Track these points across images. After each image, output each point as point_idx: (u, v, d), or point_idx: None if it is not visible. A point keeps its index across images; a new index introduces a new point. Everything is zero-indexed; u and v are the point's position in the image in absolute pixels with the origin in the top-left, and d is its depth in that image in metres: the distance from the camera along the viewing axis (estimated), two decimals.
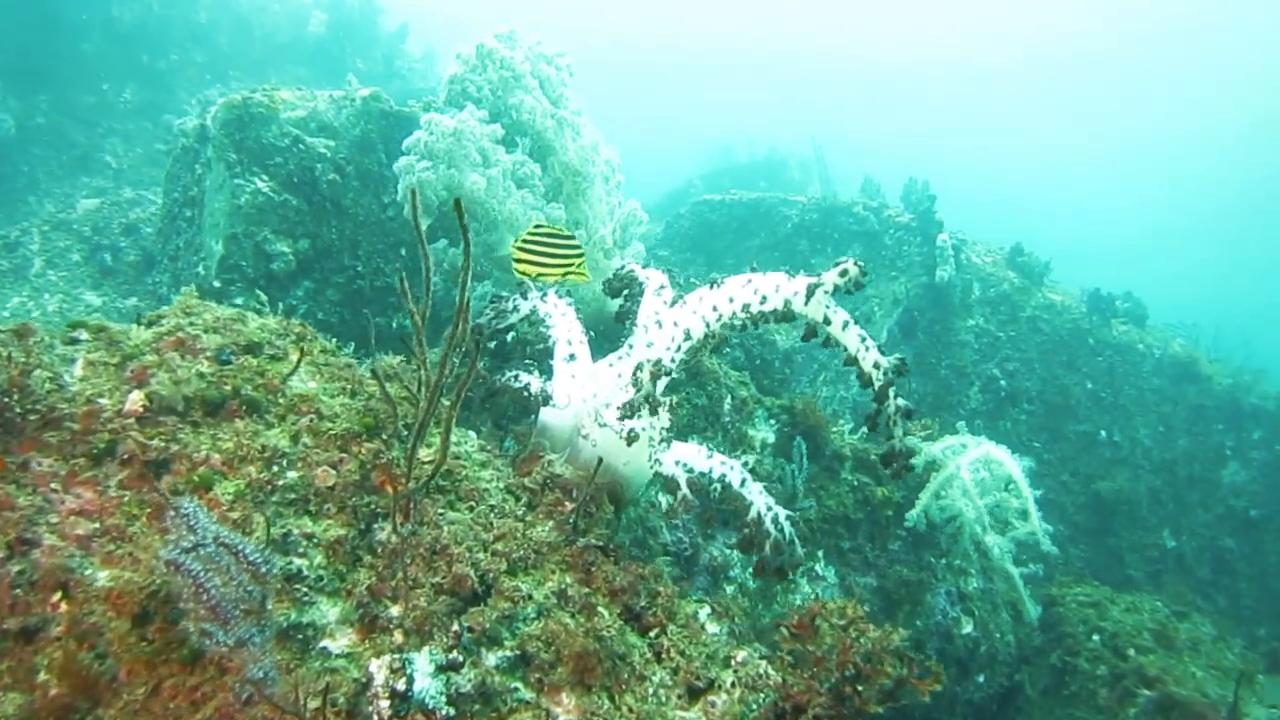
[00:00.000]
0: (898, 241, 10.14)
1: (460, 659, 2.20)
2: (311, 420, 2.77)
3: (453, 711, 2.10)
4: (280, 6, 16.06)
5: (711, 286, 2.88)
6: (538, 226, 3.21)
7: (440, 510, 2.59)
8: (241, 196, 7.28)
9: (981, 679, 6.59)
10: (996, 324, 9.59)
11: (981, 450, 6.34)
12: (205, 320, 3.09)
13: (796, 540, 2.92)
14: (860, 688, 2.31)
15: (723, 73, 58.89)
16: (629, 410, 2.67)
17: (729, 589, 5.48)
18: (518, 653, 2.33)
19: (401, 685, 2.08)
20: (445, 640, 2.24)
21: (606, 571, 2.55)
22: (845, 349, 2.79)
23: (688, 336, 2.85)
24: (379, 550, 2.50)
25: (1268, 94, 45.50)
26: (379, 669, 2.13)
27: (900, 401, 2.76)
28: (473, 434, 3.09)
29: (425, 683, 2.13)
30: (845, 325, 2.76)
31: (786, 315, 2.80)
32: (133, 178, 13.48)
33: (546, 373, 3.29)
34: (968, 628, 6.42)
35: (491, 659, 2.32)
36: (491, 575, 2.45)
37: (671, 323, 2.88)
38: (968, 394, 9.36)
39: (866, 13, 56.65)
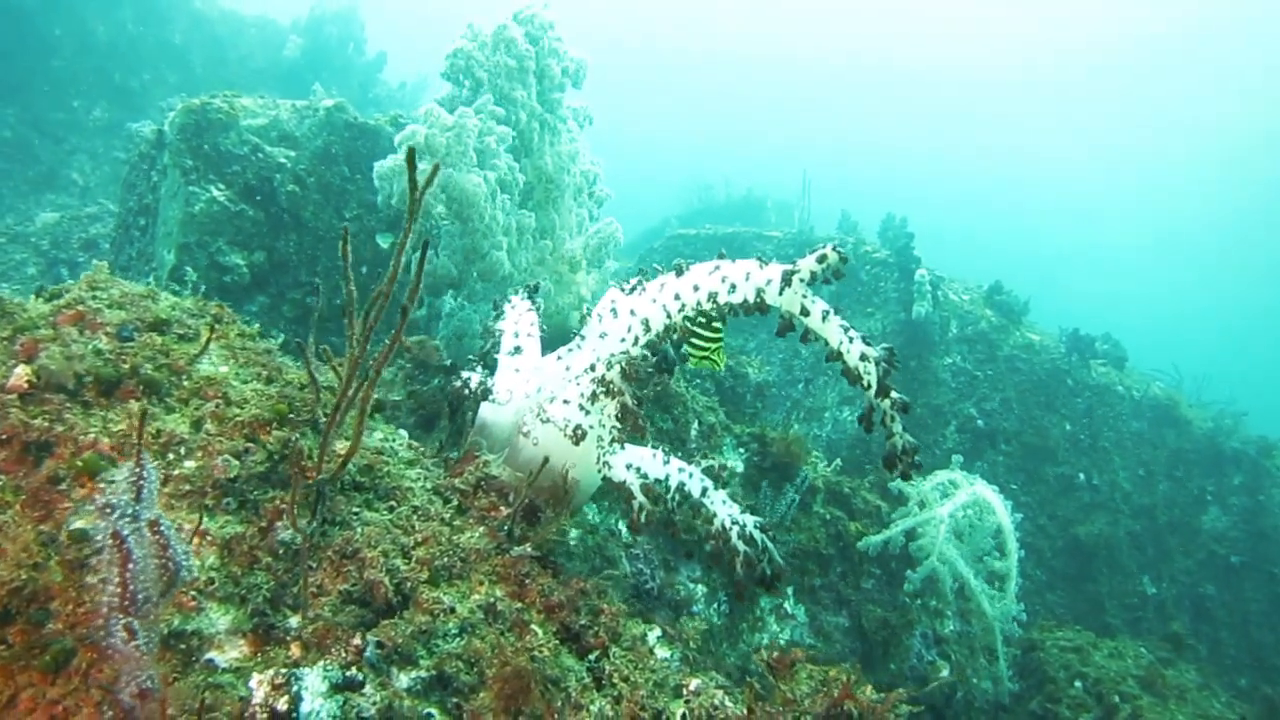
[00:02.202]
0: (874, 277, 9.97)
1: (361, 677, 1.86)
2: (218, 405, 2.45)
3: None
4: (257, 31, 15.90)
5: (677, 274, 2.60)
6: (701, 312, 3.13)
7: (355, 509, 2.27)
8: (196, 205, 6.97)
9: None
10: (974, 363, 9.39)
11: (969, 493, 6.06)
12: (111, 295, 2.78)
13: (773, 548, 2.59)
14: None
15: (711, 88, 59.60)
16: (583, 401, 2.37)
17: (691, 625, 5.14)
18: (434, 673, 2.00)
19: (283, 705, 1.74)
20: (344, 655, 1.90)
21: (542, 585, 2.22)
22: (826, 343, 2.51)
23: (646, 328, 2.56)
24: (281, 552, 2.17)
25: (1269, 110, 46.33)
26: (259, 684, 1.79)
27: (896, 395, 2.47)
28: (403, 432, 2.77)
29: (315, 703, 1.79)
30: (825, 316, 2.48)
31: (759, 306, 2.52)
32: (99, 196, 13.18)
33: (495, 369, 2.98)
34: (944, 672, 6.09)
35: (404, 680, 1.98)
36: (409, 585, 2.13)
37: (628, 311, 2.58)
38: (944, 433, 9.12)
39: (867, 23, 57.46)
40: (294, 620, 2.06)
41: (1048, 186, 56.70)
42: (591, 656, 2.16)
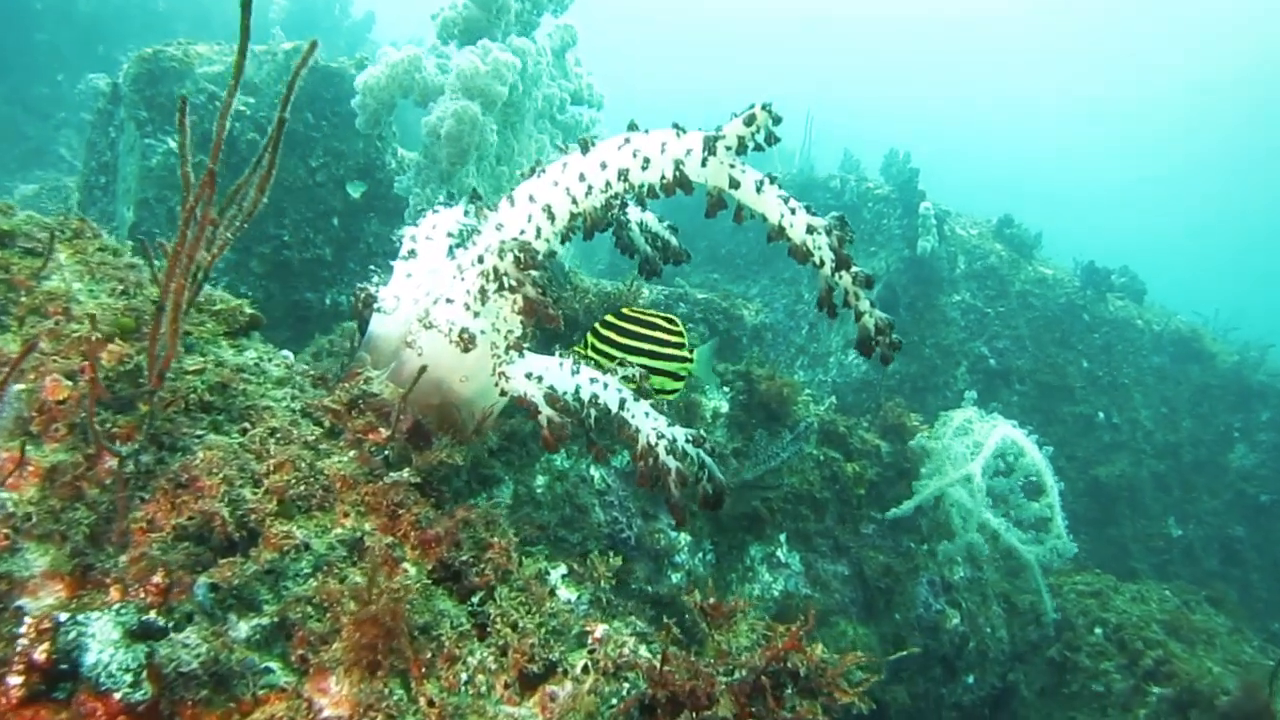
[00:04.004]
0: (877, 215, 9.47)
1: (162, 622, 1.53)
2: (57, 322, 2.11)
3: (141, 695, 1.43)
4: None
5: (583, 151, 2.21)
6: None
7: (200, 432, 1.92)
8: (153, 158, 6.65)
9: (971, 679, 5.91)
10: (984, 299, 8.90)
11: (996, 440, 5.67)
12: None
13: (711, 462, 2.21)
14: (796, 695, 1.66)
15: (714, 35, 58.90)
16: (469, 300, 1.99)
17: (675, 576, 4.80)
18: (278, 620, 1.66)
19: (40, 655, 1.41)
20: (145, 598, 1.57)
21: (418, 515, 1.87)
22: (765, 219, 2.12)
23: (550, 215, 2.17)
24: (110, 482, 1.83)
25: (1254, 45, 45.12)
26: (27, 630, 1.45)
27: (857, 269, 2.07)
28: (287, 353, 2.42)
29: (104, 654, 1.45)
30: (759, 186, 2.09)
31: (680, 183, 2.13)
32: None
33: None
34: (954, 621, 5.74)
35: (243, 628, 1.65)
36: (255, 518, 1.78)
37: (526, 197, 2.20)
38: (954, 374, 8.68)
39: None
40: (122, 559, 1.74)
41: (1054, 127, 55.66)
42: (475, 599, 1.81)
